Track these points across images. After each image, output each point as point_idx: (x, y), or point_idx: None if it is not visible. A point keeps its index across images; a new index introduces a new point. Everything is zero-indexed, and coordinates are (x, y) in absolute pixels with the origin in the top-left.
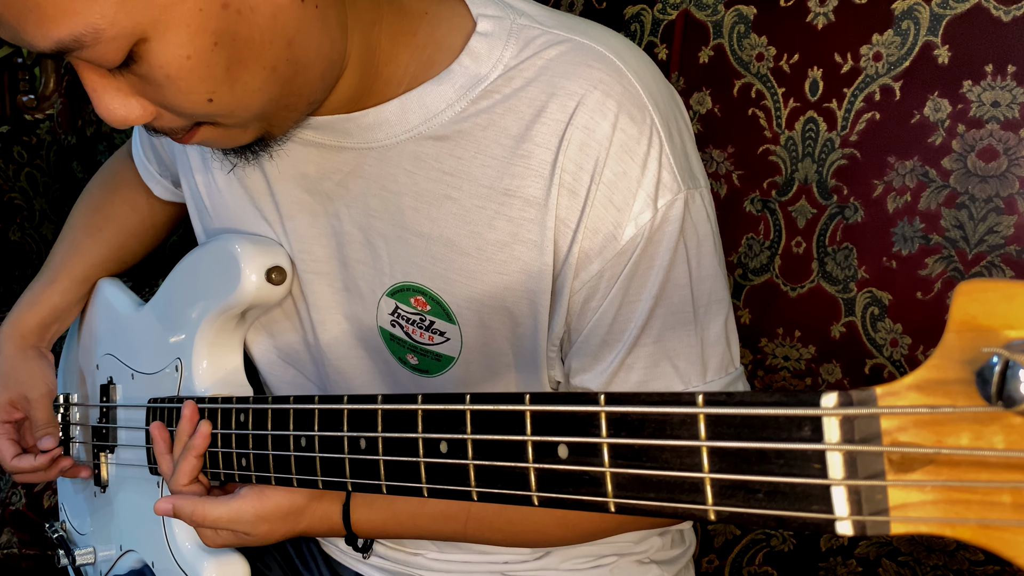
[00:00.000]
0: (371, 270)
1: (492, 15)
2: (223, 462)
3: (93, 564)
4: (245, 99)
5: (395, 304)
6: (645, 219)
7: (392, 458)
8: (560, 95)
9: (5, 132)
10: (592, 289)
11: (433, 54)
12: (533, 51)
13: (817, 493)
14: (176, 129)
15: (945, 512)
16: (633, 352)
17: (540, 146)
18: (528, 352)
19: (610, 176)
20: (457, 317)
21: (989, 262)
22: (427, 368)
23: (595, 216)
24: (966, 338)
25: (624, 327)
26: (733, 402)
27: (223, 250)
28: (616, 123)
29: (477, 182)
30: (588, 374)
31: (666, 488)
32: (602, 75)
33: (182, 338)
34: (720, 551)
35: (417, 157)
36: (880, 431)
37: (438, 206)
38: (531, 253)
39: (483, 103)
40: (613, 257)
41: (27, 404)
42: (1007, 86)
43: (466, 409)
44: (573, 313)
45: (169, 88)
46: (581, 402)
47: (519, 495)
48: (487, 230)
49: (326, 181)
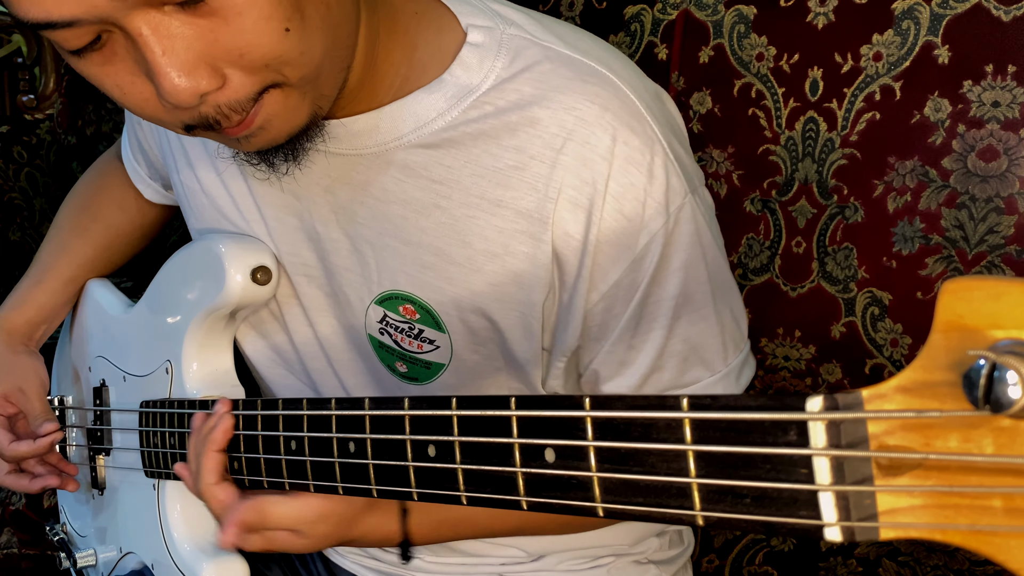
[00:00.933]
0: (359, 278)
1: (482, 25)
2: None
3: (94, 566)
4: (313, 35)
5: (383, 312)
6: (658, 225)
7: (381, 462)
8: (556, 109)
9: (5, 132)
10: (612, 299)
11: (423, 57)
12: (525, 64)
13: (804, 499)
14: (242, 101)
15: (935, 517)
16: (664, 354)
17: (534, 159)
18: (519, 361)
19: (617, 188)
20: (447, 325)
21: (989, 262)
22: (416, 376)
23: (606, 228)
24: (952, 338)
25: (649, 330)
26: (718, 406)
27: (208, 251)
28: (616, 136)
29: (467, 191)
30: (618, 379)
31: (654, 493)
32: (598, 89)
33: (171, 340)
34: (720, 551)
35: (406, 165)
36: (867, 435)
37: (427, 215)
38: (523, 264)
39: (473, 113)
40: (630, 265)
41: (21, 397)
42: (1007, 86)
43: (452, 415)
44: (593, 325)
45: (250, 12)
46: (566, 406)
47: (508, 499)
48: (477, 240)
49: (313, 187)
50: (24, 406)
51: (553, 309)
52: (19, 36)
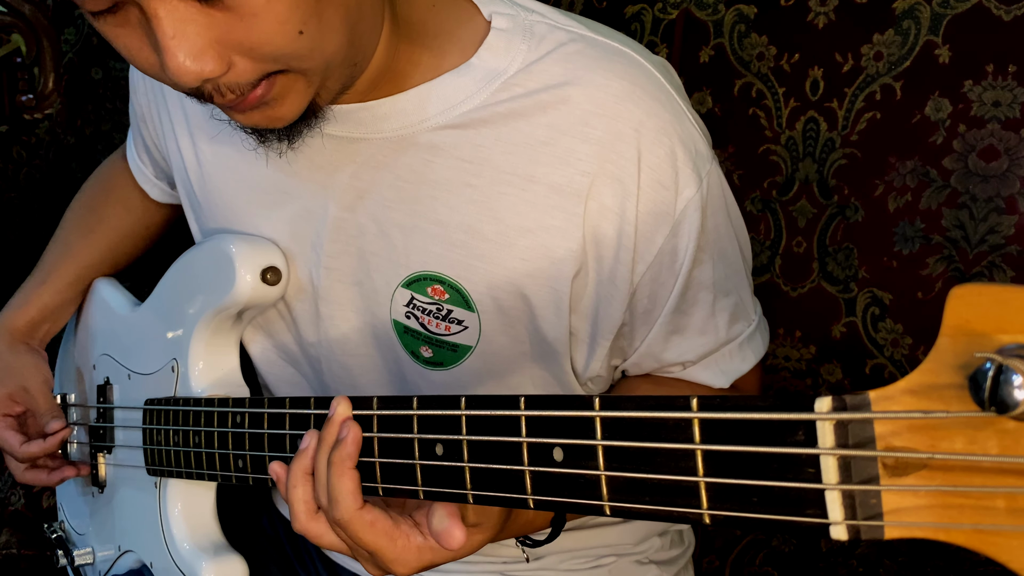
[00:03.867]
0: (386, 262)
1: (505, 12)
2: (220, 464)
3: (92, 564)
4: (327, 36)
5: (411, 295)
6: (693, 190)
7: (388, 460)
8: (585, 86)
9: (4, 132)
10: (658, 267)
11: (444, 45)
12: (550, 46)
13: (811, 497)
14: (243, 85)
15: (939, 516)
16: (715, 312)
17: (566, 134)
18: (547, 342)
19: (653, 160)
20: (476, 304)
21: (990, 262)
22: (441, 360)
23: (646, 199)
24: (960, 342)
25: (698, 291)
26: (727, 407)
27: (218, 250)
28: (648, 109)
29: (499, 168)
30: (673, 349)
31: (661, 492)
32: (624, 67)
33: (178, 338)
34: (720, 551)
35: (435, 146)
36: (874, 436)
37: (458, 193)
38: (555, 239)
39: (503, 95)
40: (671, 231)
41: (26, 395)
42: (1008, 85)
43: (461, 414)
44: (643, 295)
45: (266, 15)
46: (576, 406)
47: (515, 498)
48: (510, 215)
49: (339, 173)
50: (30, 404)
51: (587, 287)
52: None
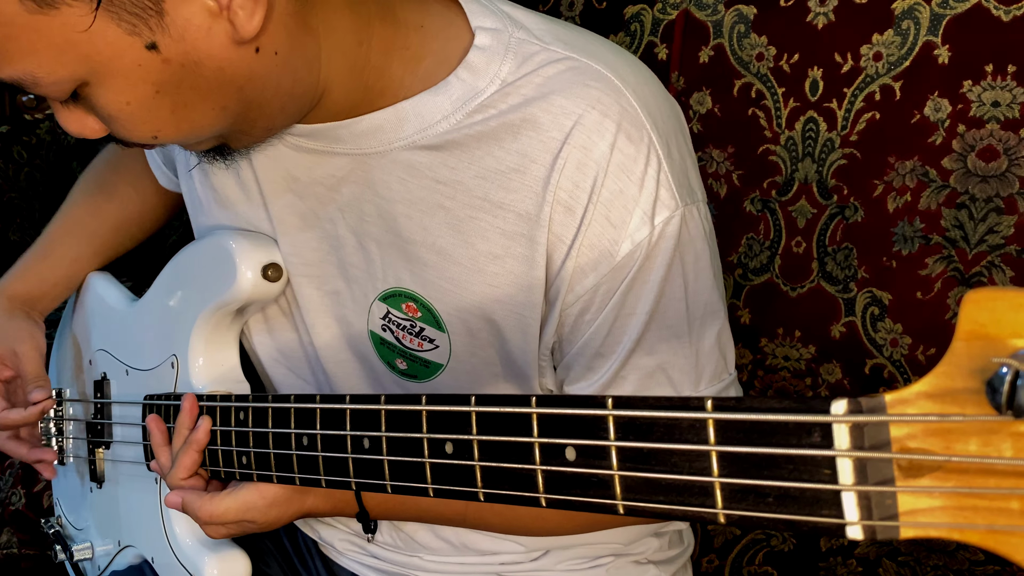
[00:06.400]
0: (364, 274)
1: (490, 28)
2: (223, 460)
3: (91, 559)
4: (193, 132)
5: (387, 309)
6: (642, 236)
7: (396, 458)
8: (557, 113)
9: (5, 132)
10: (587, 303)
11: (429, 66)
12: (531, 68)
13: (827, 498)
14: None
15: (954, 517)
16: (627, 364)
17: (535, 162)
18: (517, 365)
19: (607, 195)
20: (447, 325)
21: (989, 262)
22: (415, 373)
23: (592, 233)
24: (975, 347)
25: (619, 340)
26: (743, 408)
27: (218, 246)
28: (614, 143)
29: (471, 193)
30: (582, 383)
31: (676, 491)
32: (600, 94)
33: (178, 334)
34: (720, 551)
35: (411, 165)
36: (890, 438)
37: (431, 215)
38: (522, 267)
39: (478, 116)
40: (609, 272)
41: (15, 359)
42: (1007, 86)
43: (471, 411)
44: (566, 325)
45: (113, 125)
46: (588, 405)
47: (527, 496)
48: (479, 241)
49: (318, 186)
50: (19, 369)
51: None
52: None
